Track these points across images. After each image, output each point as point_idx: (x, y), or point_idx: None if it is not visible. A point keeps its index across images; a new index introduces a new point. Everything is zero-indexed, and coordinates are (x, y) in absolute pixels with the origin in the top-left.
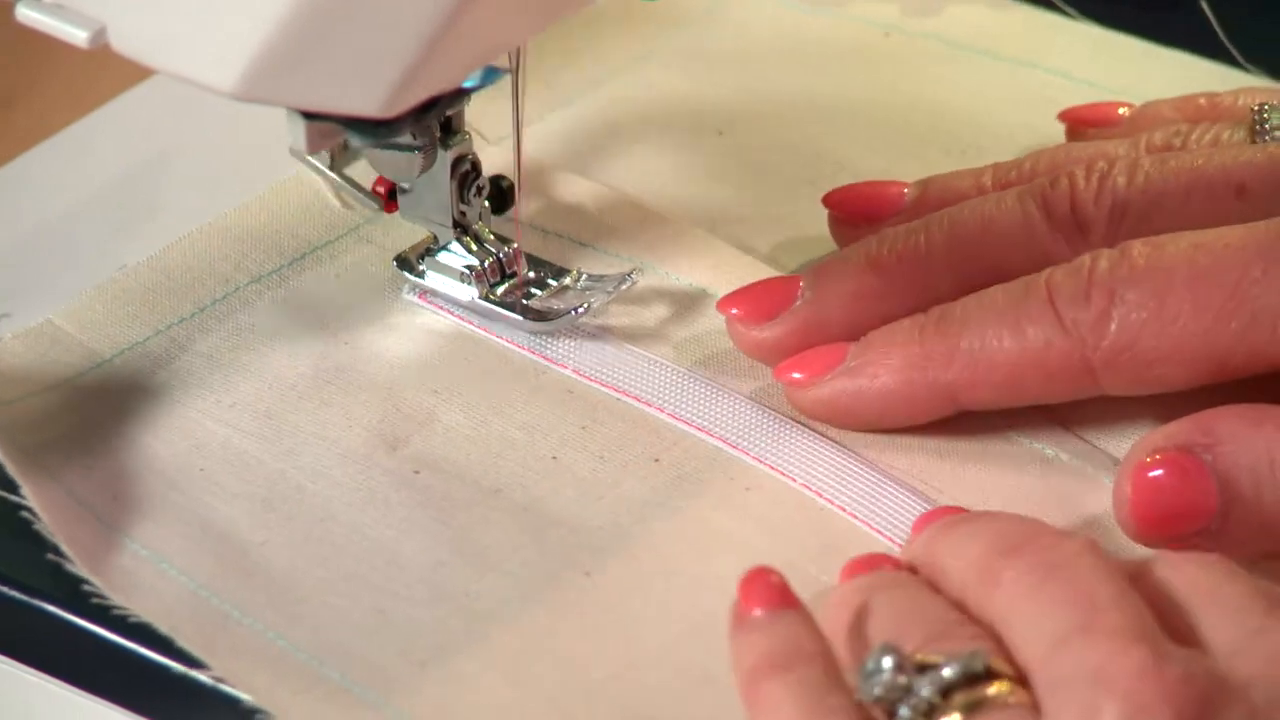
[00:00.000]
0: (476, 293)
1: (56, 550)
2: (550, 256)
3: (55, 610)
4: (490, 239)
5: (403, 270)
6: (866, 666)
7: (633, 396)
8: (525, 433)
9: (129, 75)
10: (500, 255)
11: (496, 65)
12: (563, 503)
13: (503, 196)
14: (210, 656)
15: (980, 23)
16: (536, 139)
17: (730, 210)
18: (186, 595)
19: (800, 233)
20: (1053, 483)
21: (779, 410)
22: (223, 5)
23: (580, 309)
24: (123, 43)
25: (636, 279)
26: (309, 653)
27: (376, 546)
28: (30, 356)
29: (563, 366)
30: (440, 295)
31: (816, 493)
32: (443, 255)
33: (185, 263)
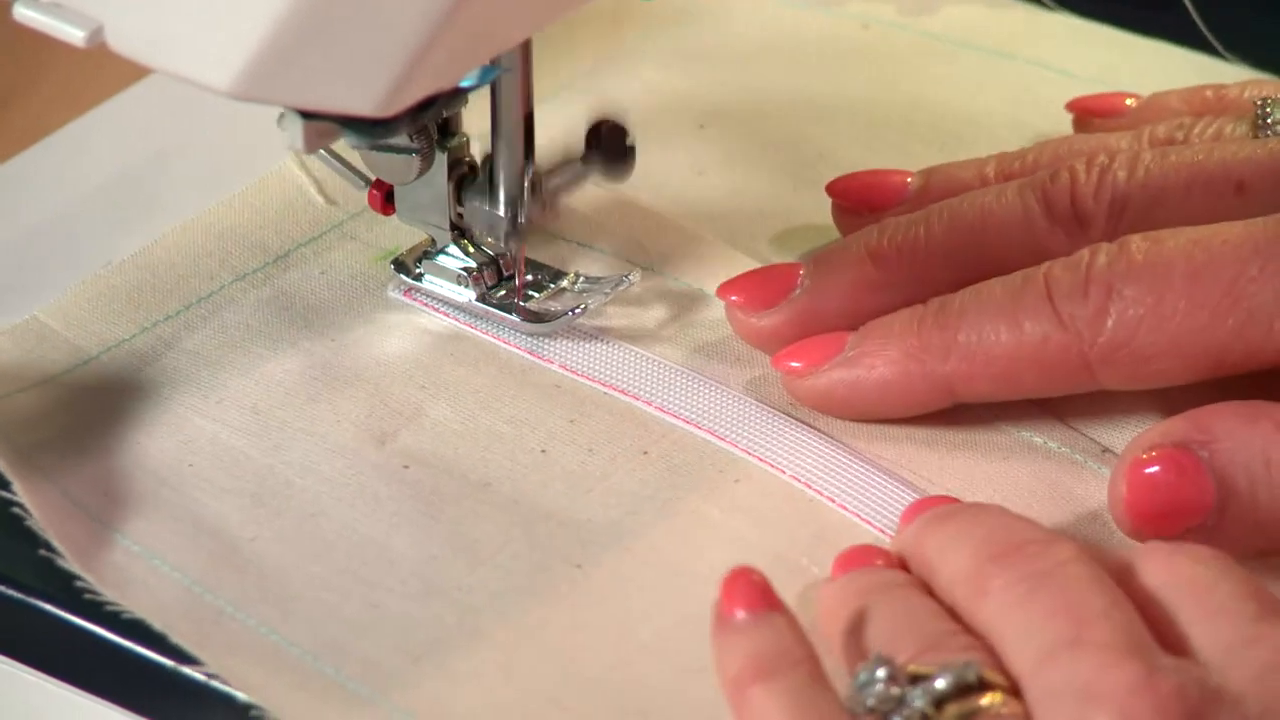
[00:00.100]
0: (474, 295)
1: (48, 546)
2: (547, 257)
3: (48, 607)
4: (487, 241)
5: (399, 273)
6: (859, 678)
7: (620, 390)
8: (513, 426)
9: (126, 74)
10: (497, 257)
11: (494, 64)
12: (552, 496)
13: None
14: (205, 653)
15: (963, 16)
16: None
17: (720, 206)
18: (180, 591)
19: (791, 226)
20: (1041, 470)
21: (767, 402)
22: (220, 4)
23: (577, 310)
24: (120, 42)
25: (633, 280)
26: (303, 648)
27: (367, 541)
28: (16, 353)
29: (549, 362)
30: (434, 296)
31: (805, 484)
32: (440, 258)
33: (170, 260)
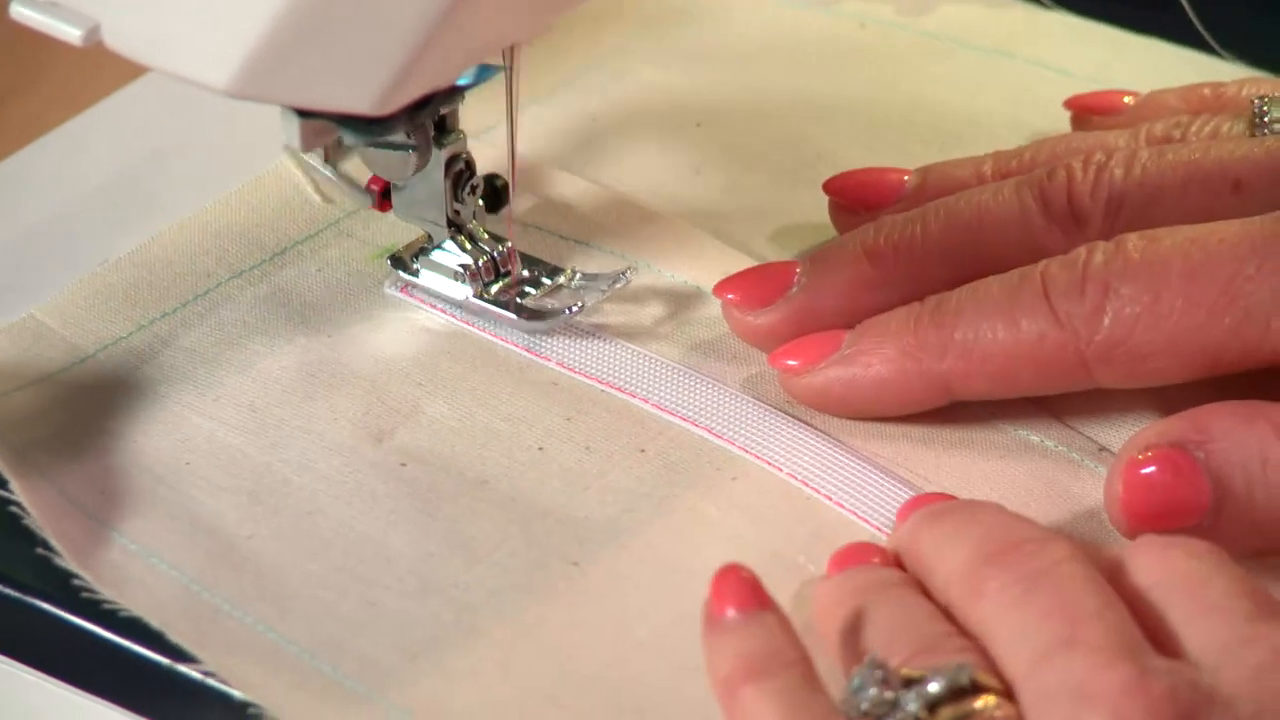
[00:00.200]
0: (471, 292)
1: (46, 545)
2: (544, 255)
3: (46, 606)
4: (484, 238)
5: (397, 269)
6: (854, 682)
7: (617, 388)
8: (510, 424)
9: (123, 73)
10: (494, 254)
11: (490, 63)
12: (549, 493)
13: (497, 195)
14: (202, 651)
15: (960, 15)
16: (522, 136)
17: (717, 204)
18: (177, 589)
19: (787, 225)
20: (1037, 468)
21: (764, 400)
22: (217, 3)
23: (574, 308)
24: (117, 41)
25: (630, 277)
26: (300, 646)
27: (364, 539)
28: (14, 351)
29: (546, 359)
30: (431, 293)
31: (803, 482)
32: (437, 254)
33: (166, 258)
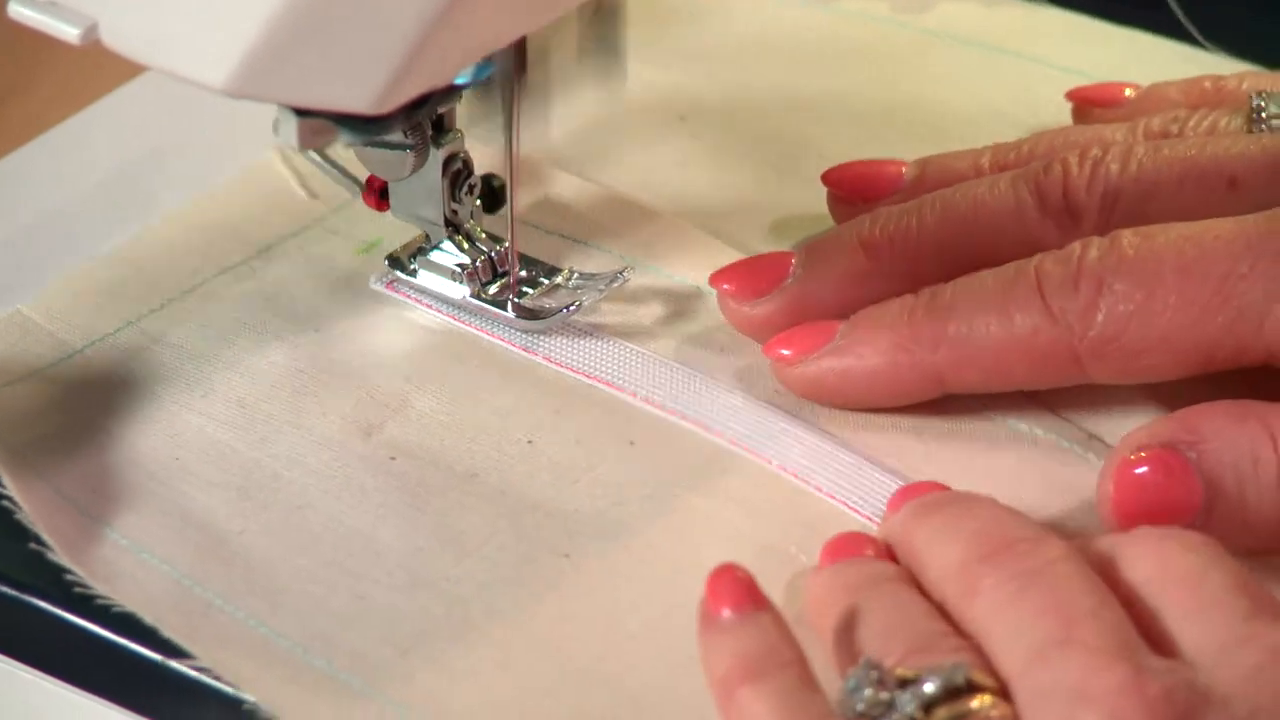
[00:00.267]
0: (468, 291)
1: (38, 540)
2: (542, 253)
3: (37, 602)
4: (482, 237)
5: (394, 269)
6: (849, 684)
7: (606, 383)
8: (499, 417)
9: (121, 72)
10: (492, 254)
11: (489, 61)
12: (539, 486)
13: (494, 196)
14: (195, 646)
15: (954, 12)
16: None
17: (705, 198)
18: (169, 584)
19: (777, 219)
20: (1028, 457)
21: (754, 395)
22: (215, 2)
23: (572, 307)
24: (115, 40)
25: (628, 277)
26: (293, 640)
27: (354, 533)
28: (1, 347)
29: (535, 354)
30: (417, 288)
31: (794, 474)
32: (434, 254)
33: (152, 254)
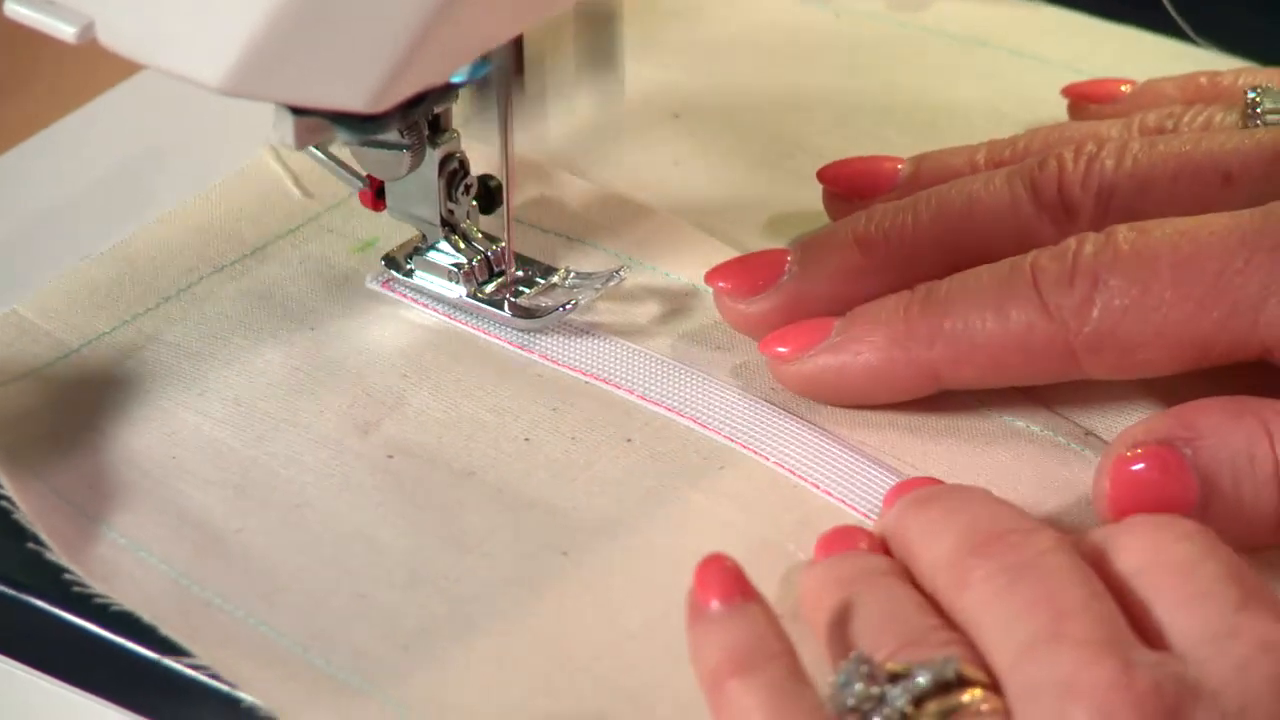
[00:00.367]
0: (465, 291)
1: (36, 540)
2: (537, 252)
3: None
4: (478, 237)
5: (390, 269)
6: (840, 679)
7: (602, 380)
8: (496, 415)
9: (118, 70)
10: (488, 253)
11: (485, 60)
12: (536, 484)
13: (490, 196)
14: (195, 645)
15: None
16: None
17: (697, 196)
18: (167, 584)
19: (769, 216)
20: (1024, 453)
21: (750, 391)
22: (211, 0)
23: (568, 306)
24: (111, 38)
25: (624, 276)
26: (292, 639)
27: (353, 531)
28: None
29: (530, 352)
30: (412, 286)
31: (790, 470)
32: (431, 254)
33: (148, 253)
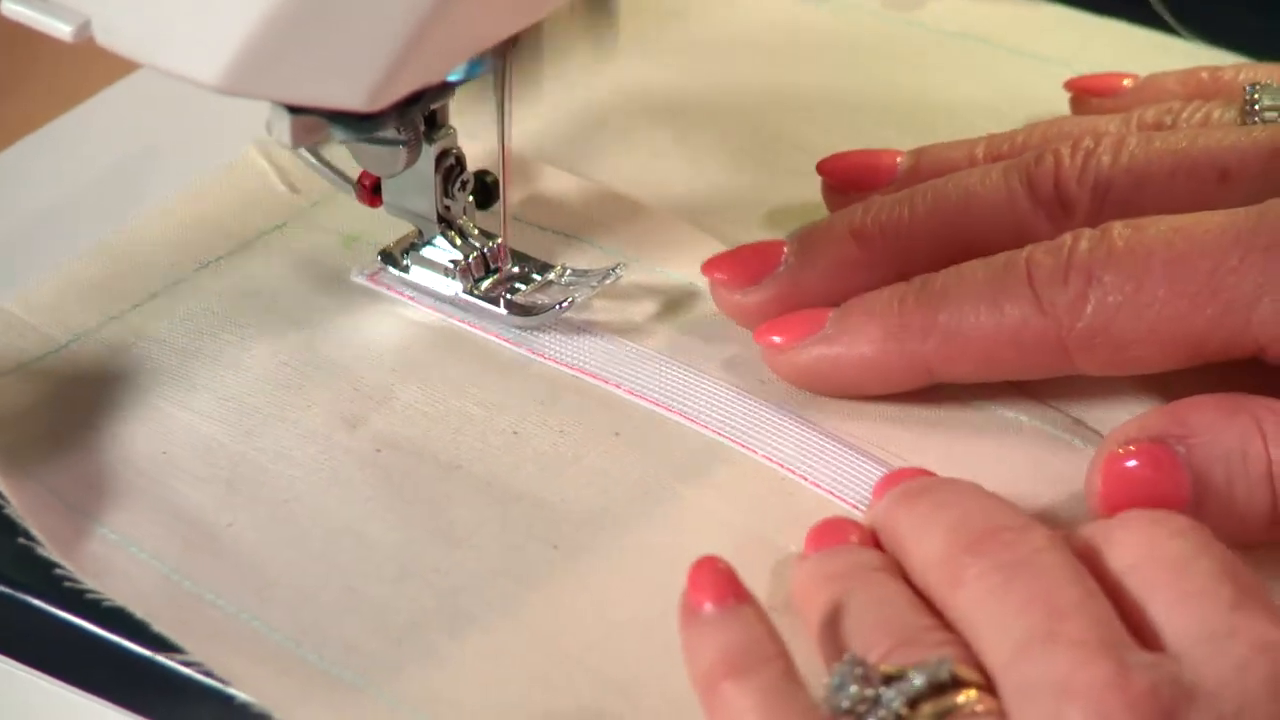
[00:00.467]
0: (461, 287)
1: (27, 535)
2: (534, 250)
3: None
4: (475, 234)
5: (387, 264)
6: (834, 681)
7: (589, 374)
8: (483, 409)
9: (115, 69)
10: (485, 250)
11: (482, 58)
12: (524, 478)
13: (487, 192)
14: (186, 640)
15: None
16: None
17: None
18: (159, 579)
19: (760, 211)
20: (1014, 444)
21: (738, 386)
22: None
23: (564, 303)
24: (107, 37)
25: (621, 273)
26: (284, 634)
27: (342, 526)
28: None
29: (518, 346)
30: (399, 280)
31: (779, 464)
32: (427, 250)
33: (134, 249)
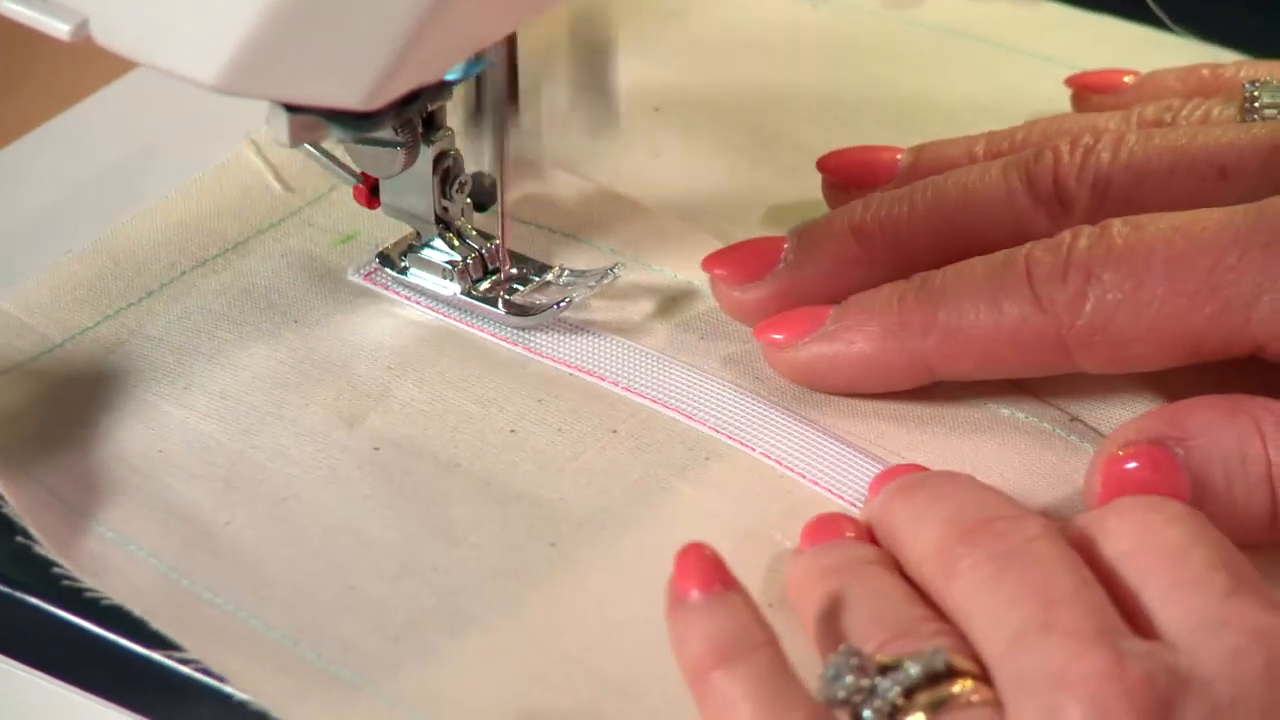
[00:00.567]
0: (459, 288)
1: (25, 534)
2: (531, 250)
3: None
4: (473, 235)
5: (385, 266)
6: (829, 671)
7: (587, 372)
8: (481, 407)
9: (112, 68)
10: (483, 251)
11: (479, 58)
12: (522, 476)
13: (485, 193)
14: (184, 638)
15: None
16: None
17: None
18: (157, 577)
19: (754, 209)
20: (1010, 441)
21: (735, 383)
22: None
23: (562, 304)
24: (105, 36)
25: (619, 274)
26: (282, 632)
27: (340, 524)
28: None
29: (515, 344)
30: (394, 279)
31: (776, 460)
32: (425, 251)
33: (129, 248)
